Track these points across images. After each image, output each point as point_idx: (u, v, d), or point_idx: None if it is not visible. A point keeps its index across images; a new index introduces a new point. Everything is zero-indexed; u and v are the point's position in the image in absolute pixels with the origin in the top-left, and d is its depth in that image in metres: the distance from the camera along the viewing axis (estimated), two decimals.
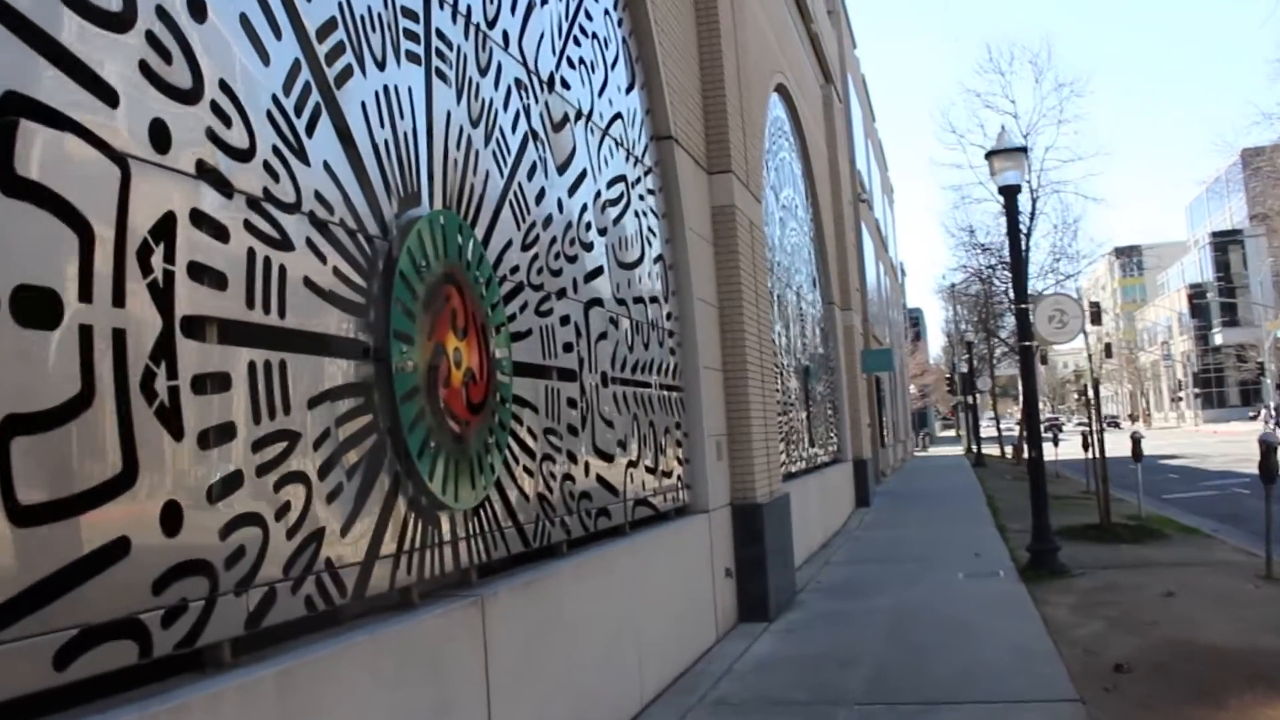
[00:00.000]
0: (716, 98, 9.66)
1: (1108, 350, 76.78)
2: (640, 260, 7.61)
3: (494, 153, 5.32)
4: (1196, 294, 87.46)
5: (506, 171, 5.44)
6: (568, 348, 6.01)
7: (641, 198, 7.81)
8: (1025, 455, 31.14)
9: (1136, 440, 16.34)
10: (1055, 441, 26.11)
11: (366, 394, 3.98)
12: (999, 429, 51.19)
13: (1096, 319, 39.40)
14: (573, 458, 5.92)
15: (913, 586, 10.69)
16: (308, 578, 3.52)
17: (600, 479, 6.35)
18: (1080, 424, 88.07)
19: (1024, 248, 11.47)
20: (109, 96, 2.86)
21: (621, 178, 7.38)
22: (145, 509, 2.86)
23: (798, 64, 17.70)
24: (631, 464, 6.95)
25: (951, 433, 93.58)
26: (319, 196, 3.79)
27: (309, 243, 3.71)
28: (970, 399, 48.30)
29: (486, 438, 4.78)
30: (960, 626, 8.45)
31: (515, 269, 5.42)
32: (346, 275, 3.91)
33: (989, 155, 11.59)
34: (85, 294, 2.72)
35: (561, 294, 6.00)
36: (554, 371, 5.80)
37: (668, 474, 7.78)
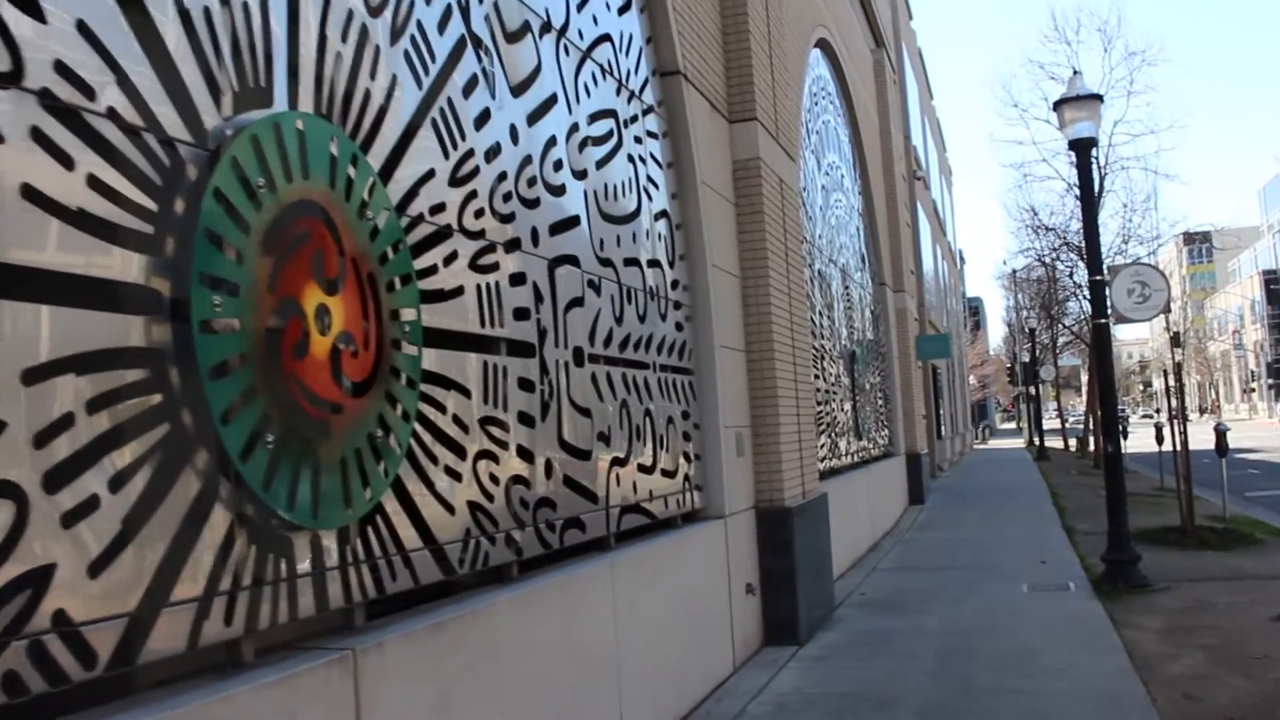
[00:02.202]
0: (738, 32, 8.30)
1: (1176, 339, 74.12)
2: (635, 214, 6.30)
3: (407, 54, 4.04)
4: (1272, 280, 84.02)
5: (428, 81, 4.16)
6: (522, 314, 4.71)
7: (639, 140, 6.49)
8: (1093, 449, 29.48)
9: (1220, 433, 14.67)
10: (1124, 434, 24.38)
11: (155, 365, 2.72)
12: (1062, 421, 49.06)
13: (1167, 308, 37.36)
14: (527, 455, 4.63)
15: (968, 601, 9.28)
16: (10, 644, 2.27)
17: (570, 481, 5.05)
18: (1145, 416, 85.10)
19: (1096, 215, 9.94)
20: None
21: (610, 113, 6.07)
22: None
23: (844, 22, 16.23)
24: (618, 462, 5.65)
25: (1012, 425, 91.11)
26: (63, 70, 2.53)
27: (38, 136, 2.45)
28: (1032, 389, 46.32)
29: (375, 430, 3.50)
30: (1024, 657, 7.04)
31: (439, 208, 4.14)
32: (117, 190, 2.65)
33: (1058, 104, 10.08)
34: None
35: (514, 245, 4.71)
36: (500, 344, 4.52)
37: (670, 473, 6.47)
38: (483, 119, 4.55)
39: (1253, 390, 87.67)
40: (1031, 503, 18.71)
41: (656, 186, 6.73)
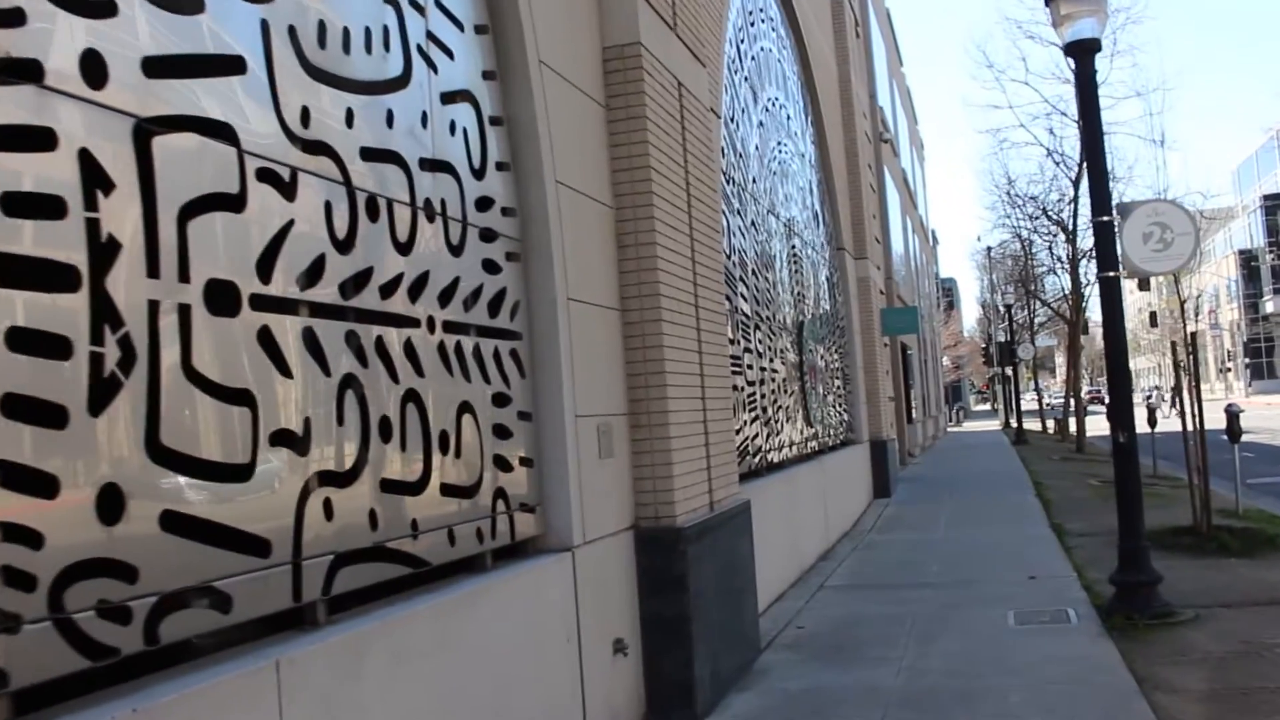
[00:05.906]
0: None
1: (1152, 319, 72.20)
2: (398, 84, 3.99)
3: None
4: (1247, 259, 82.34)
5: None
6: (38, 208, 2.39)
7: None
8: (1074, 432, 27.35)
9: (1233, 415, 12.49)
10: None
11: None
12: (1040, 402, 47.04)
13: (1145, 285, 35.70)
14: (29, 481, 2.33)
15: (937, 640, 7.05)
16: None
17: (184, 522, 2.75)
18: None
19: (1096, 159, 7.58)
20: None
21: None
22: None
23: None
24: (330, 479, 3.35)
25: (986, 406, 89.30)
26: None
27: None
28: (1009, 369, 44.30)
29: None
30: None
31: None
32: None
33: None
34: None
35: (10, 71, 2.39)
36: None
37: (463, 490, 4.17)
38: None
39: (1229, 370, 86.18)
40: (1012, 494, 16.53)
41: (450, 55, 4.43)
